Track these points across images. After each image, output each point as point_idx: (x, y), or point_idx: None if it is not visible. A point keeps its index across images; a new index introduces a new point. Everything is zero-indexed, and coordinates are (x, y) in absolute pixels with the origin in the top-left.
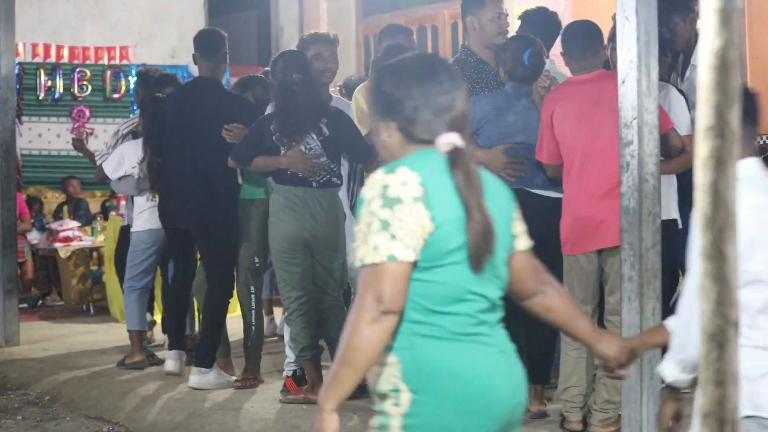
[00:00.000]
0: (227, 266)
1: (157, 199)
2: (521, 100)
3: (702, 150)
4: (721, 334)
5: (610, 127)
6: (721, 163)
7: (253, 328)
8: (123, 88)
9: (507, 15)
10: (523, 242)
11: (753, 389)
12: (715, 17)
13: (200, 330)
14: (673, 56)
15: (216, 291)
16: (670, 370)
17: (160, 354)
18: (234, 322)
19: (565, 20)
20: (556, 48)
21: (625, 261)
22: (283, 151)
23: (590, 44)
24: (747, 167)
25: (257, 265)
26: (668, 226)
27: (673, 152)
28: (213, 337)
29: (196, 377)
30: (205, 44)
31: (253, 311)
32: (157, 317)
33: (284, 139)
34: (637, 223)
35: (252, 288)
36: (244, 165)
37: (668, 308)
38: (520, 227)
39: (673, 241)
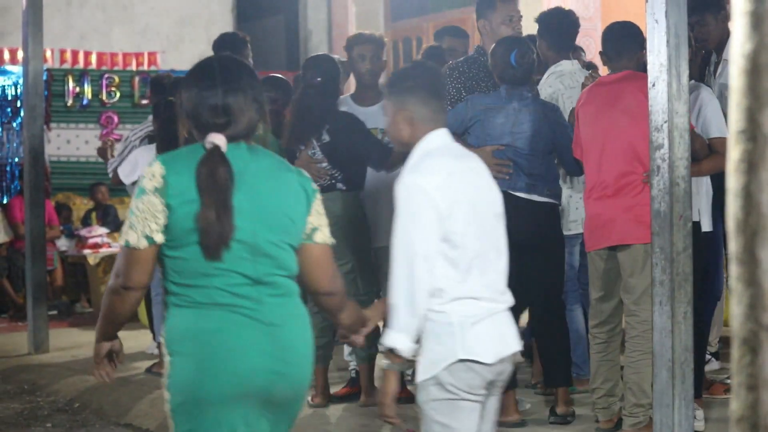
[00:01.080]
0: None
1: None
2: (512, 102)
3: (734, 154)
4: (754, 339)
5: (622, 128)
6: (753, 166)
7: None
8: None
9: (520, 17)
10: (320, 236)
11: (466, 334)
12: (746, 20)
13: None
14: (706, 55)
15: None
16: (400, 339)
17: None
18: None
19: (594, 23)
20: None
21: (656, 265)
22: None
23: (626, 45)
24: (437, 138)
25: None
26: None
27: (695, 155)
28: None
29: None
30: (224, 47)
31: None
32: None
33: (296, 142)
34: (668, 226)
35: None
36: None
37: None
38: (318, 222)
39: (695, 244)
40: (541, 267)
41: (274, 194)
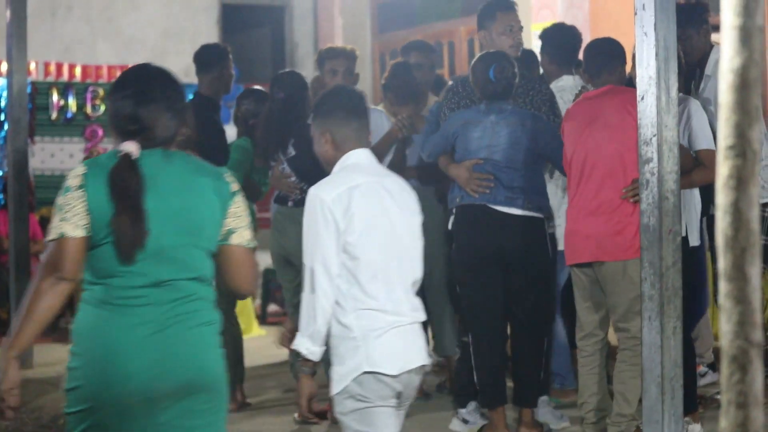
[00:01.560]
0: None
1: None
2: (490, 116)
3: (723, 170)
4: (744, 356)
5: (603, 142)
6: (742, 182)
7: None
8: None
9: (521, 28)
10: (236, 238)
11: (370, 347)
12: (734, 35)
13: None
14: (690, 69)
15: None
16: (305, 344)
17: None
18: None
19: (583, 37)
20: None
21: (646, 279)
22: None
23: (607, 61)
24: (354, 156)
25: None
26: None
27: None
28: None
29: None
30: (202, 59)
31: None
32: None
33: (264, 159)
34: (657, 241)
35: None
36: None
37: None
38: (235, 224)
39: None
40: (523, 282)
41: (184, 198)
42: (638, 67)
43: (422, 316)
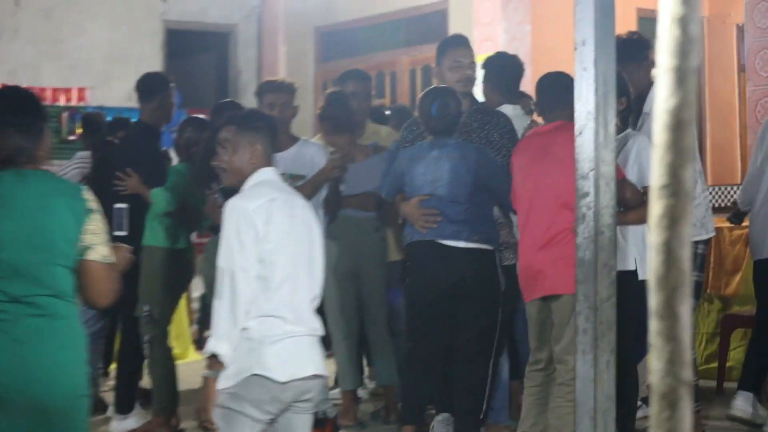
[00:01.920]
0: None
1: None
2: (433, 152)
3: (656, 209)
4: (673, 394)
5: (552, 177)
6: (674, 221)
7: (152, 378)
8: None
9: (471, 63)
10: (93, 254)
11: (264, 351)
12: (670, 76)
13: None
14: (629, 104)
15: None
16: (223, 347)
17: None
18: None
19: (525, 70)
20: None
21: (580, 313)
22: None
23: (558, 96)
24: (267, 173)
25: (146, 313)
26: (627, 277)
27: (626, 203)
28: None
29: (114, 423)
30: (144, 88)
31: (146, 360)
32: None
33: (199, 187)
34: (592, 275)
35: (145, 337)
36: None
37: (627, 363)
38: (91, 240)
39: (631, 293)
40: (469, 314)
41: (38, 217)
42: (577, 102)
43: (320, 330)
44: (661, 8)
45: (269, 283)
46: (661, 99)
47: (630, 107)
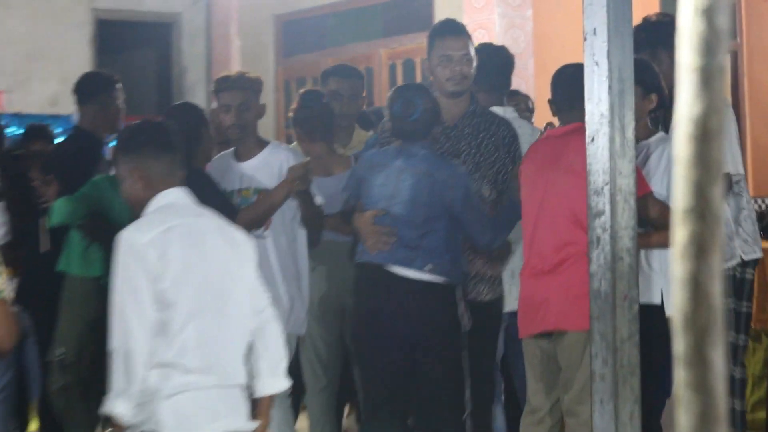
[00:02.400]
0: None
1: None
2: (397, 161)
3: (680, 236)
4: None
5: (563, 189)
6: (702, 250)
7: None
8: None
9: (465, 56)
10: None
11: (159, 406)
12: (693, 78)
13: None
14: (661, 101)
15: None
16: (121, 406)
17: None
18: None
19: (525, 60)
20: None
21: (596, 356)
22: None
23: (577, 93)
24: (169, 195)
25: (58, 357)
26: (652, 312)
27: (653, 222)
28: None
29: None
30: (81, 90)
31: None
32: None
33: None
34: (610, 309)
35: (54, 386)
36: None
37: (653, 414)
38: None
39: (657, 330)
40: (423, 361)
41: None
42: (588, 103)
43: (241, 378)
44: None
45: (169, 327)
46: (684, 104)
47: (663, 104)
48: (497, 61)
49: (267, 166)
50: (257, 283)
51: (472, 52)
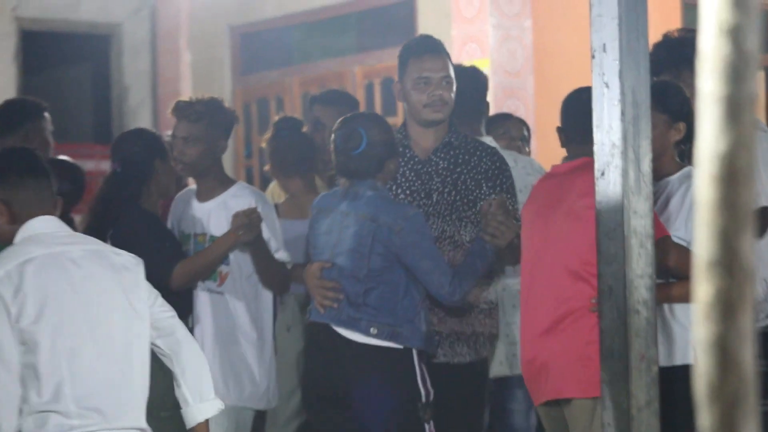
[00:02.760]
0: None
1: None
2: (342, 204)
3: (703, 294)
4: None
5: (564, 234)
6: (730, 310)
7: None
8: None
9: (444, 78)
10: None
11: None
12: (718, 109)
13: None
14: (690, 130)
15: None
16: None
17: None
18: None
19: (524, 79)
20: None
21: (608, 425)
22: None
23: (587, 122)
24: (36, 224)
25: None
26: (676, 375)
27: (672, 272)
28: None
29: None
30: (2, 119)
31: None
32: None
33: None
34: (624, 371)
35: None
36: None
37: None
38: None
39: (683, 395)
40: (356, 424)
41: None
42: (597, 131)
43: (138, 419)
44: (703, 14)
45: (38, 370)
46: (707, 140)
47: (691, 134)
48: (472, 86)
49: (225, 210)
50: (157, 307)
51: (452, 73)
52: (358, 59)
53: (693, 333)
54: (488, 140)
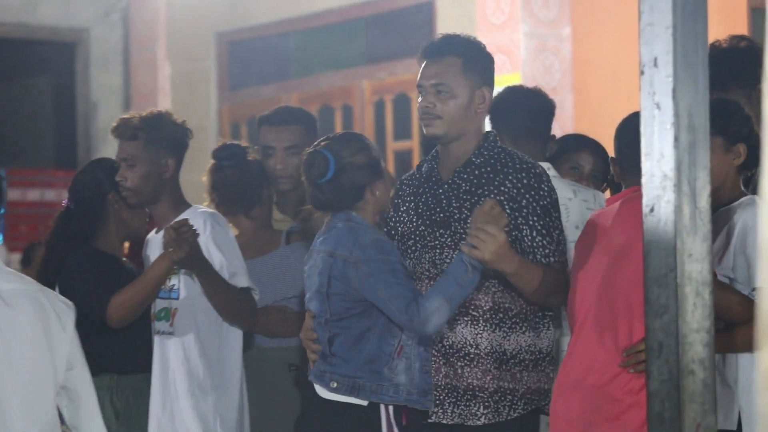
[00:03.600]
0: None
1: None
2: (318, 240)
3: (766, 359)
4: None
5: (601, 278)
6: None
7: None
8: None
9: (437, 86)
10: None
11: None
12: None
13: None
14: (753, 153)
15: None
16: None
17: None
18: None
19: (563, 95)
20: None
21: None
22: None
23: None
24: None
25: None
26: None
27: (725, 319)
28: None
29: None
30: None
31: None
32: None
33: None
34: None
35: None
36: None
37: None
38: None
39: None
40: None
41: None
42: (646, 160)
43: None
44: None
45: None
46: None
47: (755, 158)
48: (530, 106)
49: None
50: (75, 372)
51: (455, 80)
52: (367, 72)
53: (743, 398)
54: (545, 166)
